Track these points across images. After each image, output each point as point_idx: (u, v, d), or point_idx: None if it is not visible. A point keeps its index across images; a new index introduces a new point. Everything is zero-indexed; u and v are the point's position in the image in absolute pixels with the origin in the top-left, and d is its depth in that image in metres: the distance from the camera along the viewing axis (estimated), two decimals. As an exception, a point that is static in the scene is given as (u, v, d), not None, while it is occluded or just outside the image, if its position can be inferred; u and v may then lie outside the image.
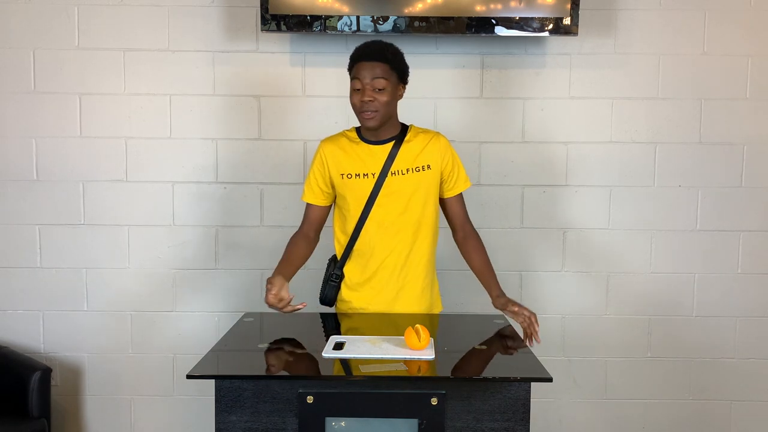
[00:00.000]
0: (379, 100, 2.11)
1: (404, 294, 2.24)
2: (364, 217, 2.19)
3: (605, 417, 3.05)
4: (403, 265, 2.22)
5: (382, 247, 2.20)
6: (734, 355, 3.03)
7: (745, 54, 2.92)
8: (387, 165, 2.18)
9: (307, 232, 2.29)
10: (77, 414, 3.04)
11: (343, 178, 2.20)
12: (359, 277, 2.25)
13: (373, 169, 2.18)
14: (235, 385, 1.69)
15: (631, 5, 2.89)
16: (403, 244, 2.21)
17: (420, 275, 2.25)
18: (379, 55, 2.12)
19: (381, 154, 2.19)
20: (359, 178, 2.19)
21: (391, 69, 2.13)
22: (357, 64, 2.14)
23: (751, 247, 2.99)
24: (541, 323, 2.95)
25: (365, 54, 2.13)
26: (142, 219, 2.97)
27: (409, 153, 2.20)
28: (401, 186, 2.18)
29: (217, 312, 3.00)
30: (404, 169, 2.18)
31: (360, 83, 2.11)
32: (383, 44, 2.16)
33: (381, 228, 2.19)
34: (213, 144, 2.95)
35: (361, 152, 2.21)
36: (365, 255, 2.22)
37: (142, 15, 2.89)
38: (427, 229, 2.23)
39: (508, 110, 2.94)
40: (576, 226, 2.98)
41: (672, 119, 2.94)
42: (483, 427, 1.68)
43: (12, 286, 2.99)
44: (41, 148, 2.94)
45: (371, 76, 2.10)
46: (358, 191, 2.19)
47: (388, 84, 2.11)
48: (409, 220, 2.20)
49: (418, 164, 2.19)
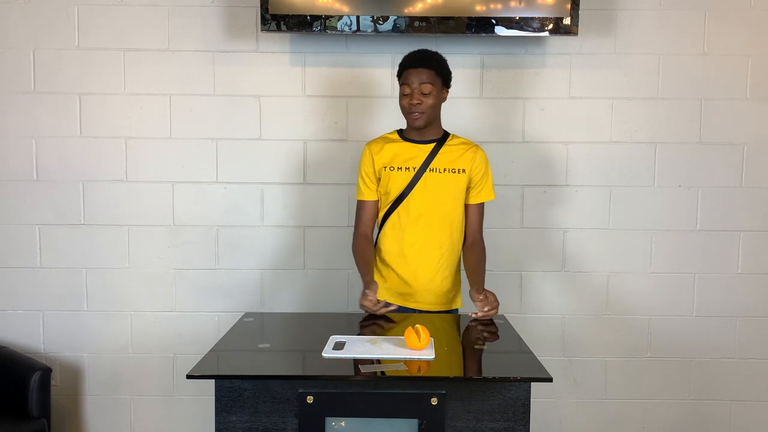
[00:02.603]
0: (426, 103, 2.32)
1: (432, 282, 2.38)
2: (398, 204, 2.38)
3: (605, 417, 3.05)
4: (429, 255, 2.37)
5: (410, 235, 2.37)
6: (734, 355, 3.03)
7: (745, 54, 2.92)
8: (427, 161, 2.38)
9: (365, 232, 2.46)
10: (77, 414, 3.04)
11: (386, 169, 2.40)
12: (389, 257, 2.41)
13: (414, 164, 2.38)
14: (235, 385, 1.69)
15: (631, 5, 2.89)
16: (431, 235, 2.37)
17: (447, 267, 2.40)
18: (426, 62, 2.33)
19: (423, 152, 2.39)
20: (401, 170, 2.38)
21: (436, 75, 2.34)
22: (406, 70, 2.34)
23: (751, 247, 2.99)
24: (541, 323, 2.99)
25: (413, 61, 2.34)
26: (142, 219, 2.97)
27: (449, 155, 2.40)
28: (437, 182, 2.37)
29: (217, 312, 3.00)
30: (442, 168, 2.38)
31: (408, 88, 2.32)
32: (429, 52, 2.37)
33: (412, 216, 2.37)
34: (213, 144, 2.95)
35: (405, 149, 2.41)
36: (394, 239, 2.40)
37: (141, 15, 2.89)
38: (456, 227, 2.40)
39: (508, 110, 2.94)
40: (576, 226, 2.98)
41: (672, 119, 2.94)
42: (483, 427, 1.68)
43: (12, 286, 2.99)
44: (41, 148, 2.95)
45: (418, 81, 2.31)
46: (399, 181, 2.38)
47: (433, 88, 2.32)
48: (440, 213, 2.37)
49: (456, 167, 2.39)
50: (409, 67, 2.34)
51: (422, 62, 2.33)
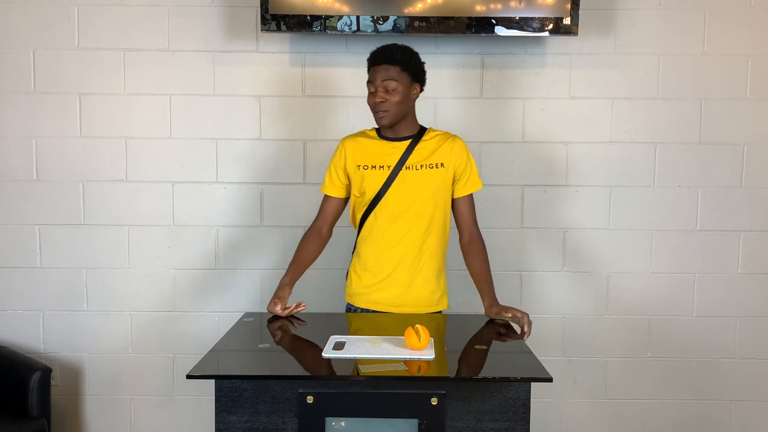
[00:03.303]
0: (390, 101, 2.21)
1: (413, 285, 2.30)
2: (374, 204, 2.28)
3: (605, 417, 3.05)
4: (414, 256, 2.29)
5: (392, 236, 2.28)
6: (734, 355, 3.03)
7: (745, 54, 2.92)
8: (403, 159, 2.28)
9: (320, 227, 2.40)
10: (77, 414, 3.04)
11: (359, 169, 2.30)
12: (366, 261, 2.32)
13: (389, 162, 2.28)
14: (235, 385, 1.69)
15: (631, 5, 2.89)
16: (411, 236, 2.28)
17: (429, 268, 2.31)
18: (389, 58, 2.22)
19: (398, 149, 2.30)
20: (375, 169, 2.29)
21: (401, 70, 2.22)
22: (371, 67, 2.25)
23: (751, 247, 2.99)
24: (541, 323, 2.97)
25: (376, 57, 2.24)
26: (142, 219, 2.97)
27: (425, 150, 2.30)
28: (414, 180, 2.27)
29: (217, 312, 3.00)
30: (418, 164, 2.28)
31: (373, 85, 2.23)
32: (396, 47, 2.25)
33: (391, 218, 2.28)
34: (213, 144, 2.95)
35: (379, 147, 2.31)
36: (372, 242, 2.31)
37: (141, 15, 2.89)
38: (437, 225, 2.31)
39: (508, 110, 2.94)
40: (576, 226, 2.98)
41: (672, 119, 2.94)
42: (483, 427, 1.68)
43: (12, 286, 2.99)
44: (41, 148, 2.94)
45: (382, 78, 2.21)
46: (373, 181, 2.28)
47: (398, 85, 2.21)
48: (419, 212, 2.27)
49: (433, 161, 2.29)
50: (372, 64, 2.24)
51: (385, 58, 2.22)
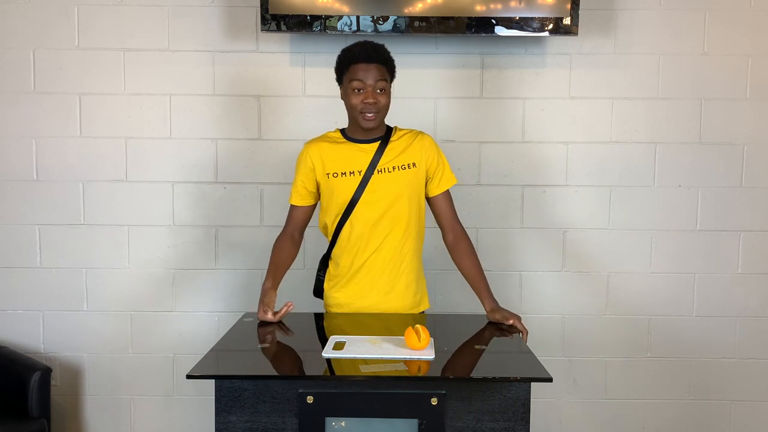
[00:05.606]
0: (381, 102, 2.13)
1: (395, 290, 2.24)
2: (349, 212, 2.19)
3: (605, 417, 3.05)
4: (396, 261, 2.22)
5: (367, 243, 2.21)
6: (734, 355, 3.03)
7: (745, 54, 2.92)
8: (373, 162, 2.19)
9: (292, 233, 2.33)
10: (77, 414, 3.04)
11: (329, 177, 2.20)
12: (347, 270, 2.25)
13: (359, 167, 2.19)
14: (235, 385, 1.69)
15: (631, 5, 2.89)
16: (390, 240, 2.21)
17: (410, 271, 2.26)
18: (379, 57, 2.13)
19: (367, 152, 2.20)
20: (345, 176, 2.19)
21: (387, 71, 2.16)
22: (355, 65, 2.12)
23: (751, 247, 2.99)
24: (541, 323, 2.98)
25: (365, 55, 2.12)
26: (142, 219, 2.97)
27: (394, 150, 2.21)
28: (387, 183, 2.19)
29: (217, 312, 3.00)
30: (390, 166, 2.19)
31: (362, 84, 2.11)
32: (380, 46, 2.17)
33: (368, 224, 2.19)
34: (213, 144, 2.95)
35: (347, 151, 2.22)
36: (351, 250, 2.23)
37: (141, 15, 2.89)
38: (413, 226, 2.24)
39: (508, 110, 2.94)
40: (576, 226, 2.98)
41: (672, 119, 2.94)
42: (483, 427, 1.68)
43: (12, 286, 2.99)
44: (41, 148, 2.94)
45: (374, 78, 2.11)
46: (345, 188, 2.19)
47: (387, 85, 2.15)
48: (396, 216, 2.20)
49: (404, 162, 2.20)
50: (359, 62, 2.10)
51: (378, 57, 2.12)
